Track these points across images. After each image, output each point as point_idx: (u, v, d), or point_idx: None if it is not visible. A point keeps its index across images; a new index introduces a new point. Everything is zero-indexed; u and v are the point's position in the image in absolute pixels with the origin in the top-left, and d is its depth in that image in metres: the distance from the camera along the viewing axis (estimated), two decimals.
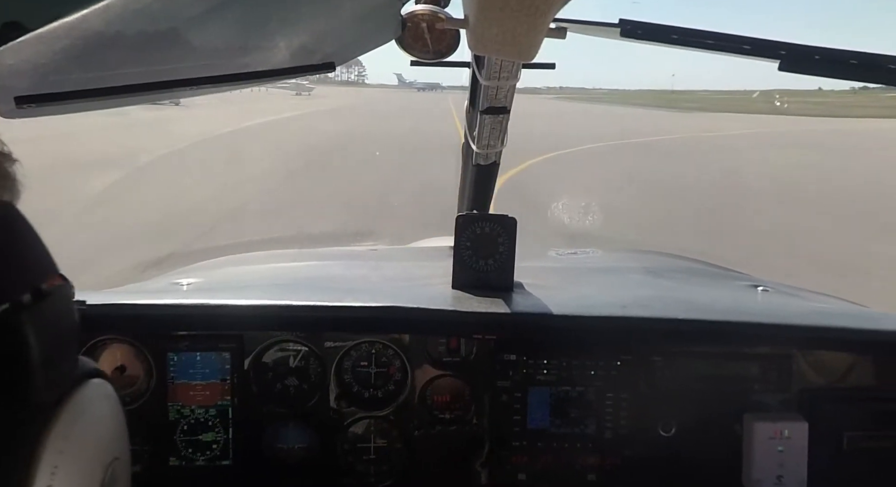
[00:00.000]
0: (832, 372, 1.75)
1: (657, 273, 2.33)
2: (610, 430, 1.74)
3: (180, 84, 0.93)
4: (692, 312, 1.74)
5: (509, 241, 1.92)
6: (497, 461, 1.75)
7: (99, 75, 0.81)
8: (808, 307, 1.97)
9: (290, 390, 1.76)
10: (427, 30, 1.32)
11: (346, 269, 2.25)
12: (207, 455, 1.73)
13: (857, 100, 71.09)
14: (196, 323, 1.72)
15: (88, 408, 0.69)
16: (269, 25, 0.94)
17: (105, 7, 0.49)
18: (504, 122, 1.88)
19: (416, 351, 1.76)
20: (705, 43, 1.20)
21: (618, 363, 1.74)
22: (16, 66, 0.67)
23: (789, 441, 1.63)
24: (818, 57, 1.16)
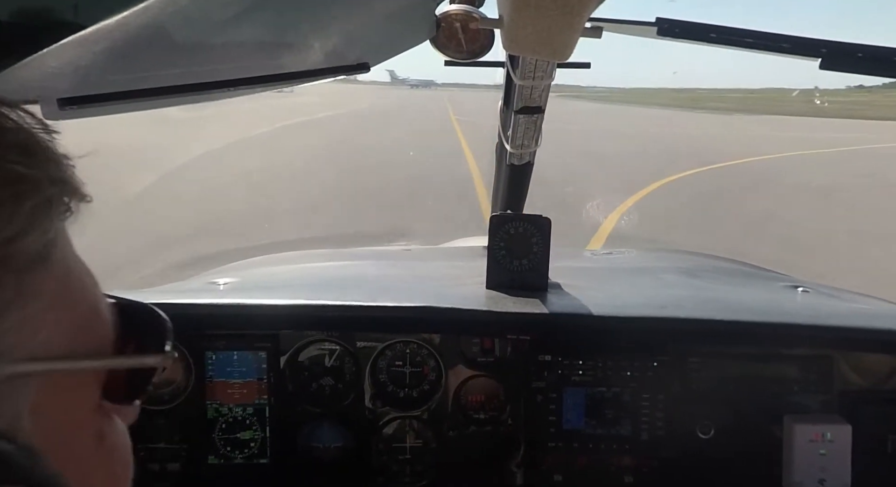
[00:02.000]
0: (874, 374, 1.71)
1: (693, 273, 2.30)
2: (646, 431, 1.73)
3: (218, 86, 0.94)
4: (730, 312, 1.72)
5: (543, 241, 1.91)
6: (532, 461, 1.75)
7: (139, 77, 0.82)
8: (849, 308, 1.94)
9: (325, 389, 1.77)
10: (461, 30, 1.32)
11: (380, 269, 2.26)
12: (245, 453, 1.75)
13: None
14: (233, 323, 1.74)
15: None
16: (303, 26, 0.94)
17: (145, 9, 0.50)
18: (539, 121, 1.87)
19: (451, 351, 1.76)
20: (744, 41, 1.19)
21: (654, 364, 1.72)
22: (58, 68, 0.68)
23: (832, 443, 1.60)
24: (861, 54, 1.14)
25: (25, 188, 0.47)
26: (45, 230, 0.48)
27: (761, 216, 10.37)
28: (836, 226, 9.87)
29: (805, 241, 8.71)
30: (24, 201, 0.46)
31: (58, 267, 0.51)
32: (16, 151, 0.47)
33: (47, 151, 0.51)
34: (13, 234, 0.46)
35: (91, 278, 0.57)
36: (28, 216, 0.46)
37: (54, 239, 0.50)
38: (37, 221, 0.47)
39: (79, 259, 0.56)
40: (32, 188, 0.47)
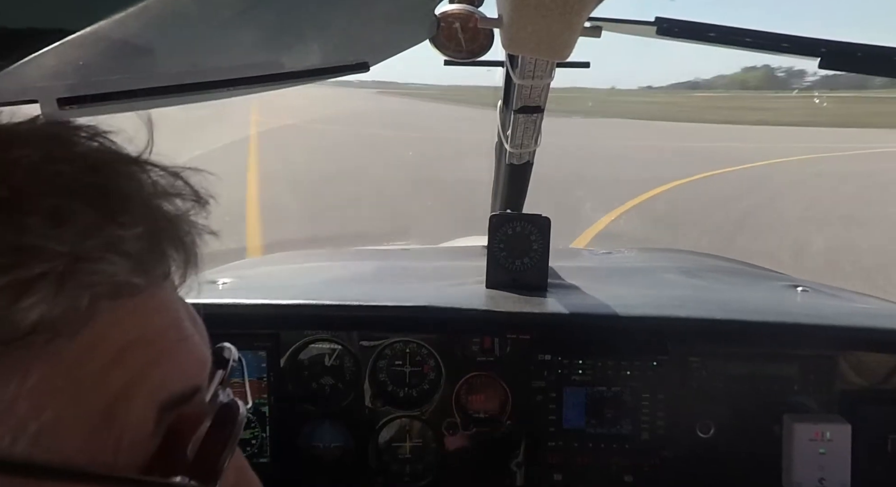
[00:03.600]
0: (875, 374, 1.71)
1: (693, 273, 2.30)
2: (647, 431, 1.73)
3: (218, 85, 0.94)
4: (730, 312, 1.72)
5: (543, 240, 1.92)
6: (532, 461, 1.75)
7: (139, 77, 0.83)
8: (849, 308, 1.94)
9: (325, 389, 1.77)
10: (461, 29, 1.32)
11: (380, 268, 2.26)
12: (245, 452, 1.74)
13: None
14: (232, 322, 1.74)
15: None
16: (302, 26, 0.94)
17: (144, 8, 0.50)
18: (538, 121, 1.87)
19: (451, 351, 1.76)
20: (743, 41, 1.19)
21: (654, 364, 1.72)
22: (58, 67, 0.68)
23: (831, 443, 1.60)
24: (860, 54, 1.14)
25: (20, 260, 0.40)
26: (48, 307, 0.41)
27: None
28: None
29: None
30: (8, 273, 0.40)
31: (72, 350, 0.43)
32: (40, 217, 0.42)
33: (101, 222, 0.44)
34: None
35: (152, 361, 0.47)
36: (14, 288, 0.40)
37: (78, 319, 0.42)
38: (27, 294, 0.40)
39: (142, 341, 0.47)
40: (31, 260, 0.41)
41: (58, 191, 0.43)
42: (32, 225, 0.41)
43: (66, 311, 0.41)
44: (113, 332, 0.45)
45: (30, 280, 0.40)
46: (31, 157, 0.44)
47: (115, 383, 0.44)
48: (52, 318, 0.41)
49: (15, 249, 0.40)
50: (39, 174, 0.43)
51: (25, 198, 0.41)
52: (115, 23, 0.50)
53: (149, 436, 0.46)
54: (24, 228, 0.40)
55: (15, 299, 0.40)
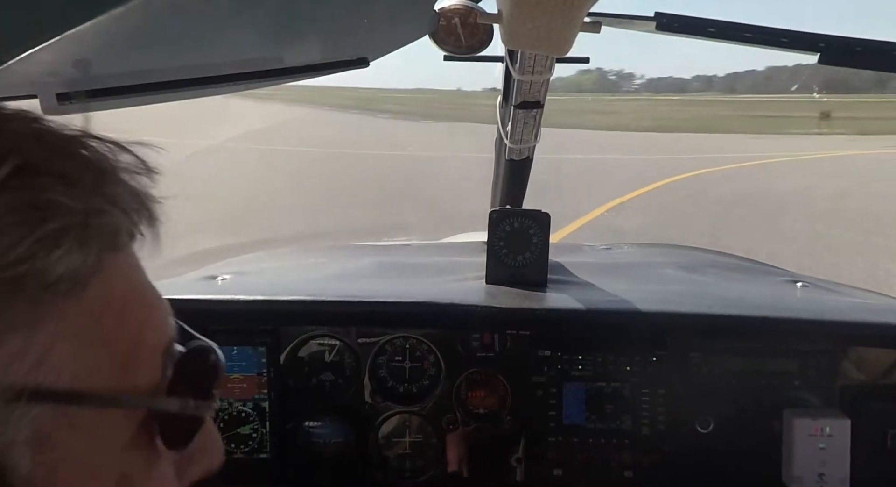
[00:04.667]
0: (875, 369, 1.71)
1: (693, 269, 2.30)
2: (646, 426, 1.73)
3: (217, 81, 0.94)
4: (730, 307, 1.72)
5: (543, 236, 1.92)
6: (532, 456, 1.75)
7: (137, 72, 0.83)
8: (850, 303, 1.94)
9: (325, 384, 1.77)
10: (460, 24, 1.32)
11: (380, 264, 2.26)
12: (245, 448, 1.75)
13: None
14: (232, 318, 1.74)
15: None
16: (301, 21, 0.94)
17: (144, 3, 0.50)
18: (538, 116, 1.87)
19: (450, 346, 1.76)
20: (743, 36, 1.18)
21: (654, 359, 1.72)
22: (56, 62, 0.68)
23: (831, 438, 1.60)
24: (860, 49, 1.14)
25: (46, 214, 0.46)
26: (70, 259, 0.47)
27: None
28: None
29: None
30: (44, 225, 0.46)
31: (91, 299, 0.50)
32: (56, 179, 0.48)
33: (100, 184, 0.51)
34: (20, 257, 0.45)
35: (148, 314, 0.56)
36: (42, 241, 0.46)
37: (91, 270, 0.49)
38: (53, 247, 0.46)
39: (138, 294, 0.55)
40: (55, 215, 0.47)
41: (61, 159, 0.49)
42: (49, 185, 0.47)
43: (84, 262, 0.48)
44: (118, 283, 0.52)
45: (57, 233, 0.46)
46: (30, 131, 0.50)
47: (131, 328, 0.53)
48: (75, 268, 0.47)
49: (39, 206, 0.46)
50: (43, 145, 0.50)
51: (38, 163, 0.48)
52: (115, 18, 0.50)
53: (157, 375, 0.55)
54: (42, 188, 0.47)
55: (50, 250, 0.46)
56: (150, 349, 0.55)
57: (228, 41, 0.88)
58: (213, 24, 0.78)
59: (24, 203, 0.46)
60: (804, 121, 33.86)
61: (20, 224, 0.45)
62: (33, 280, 0.46)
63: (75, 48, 0.63)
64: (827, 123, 33.02)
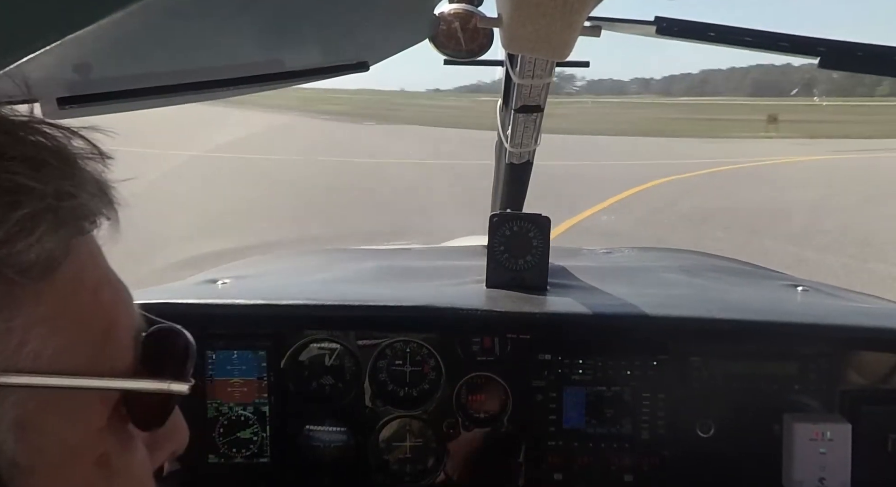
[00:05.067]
0: (875, 373, 1.71)
1: (693, 272, 2.30)
2: (647, 430, 1.73)
3: (217, 85, 0.94)
4: (730, 311, 1.72)
5: (543, 240, 1.92)
6: (532, 461, 1.75)
7: (138, 76, 0.83)
8: (850, 307, 1.93)
9: (325, 388, 1.77)
10: (460, 28, 1.32)
11: (380, 267, 2.26)
12: (246, 452, 1.75)
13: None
14: (232, 322, 1.74)
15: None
16: (302, 25, 0.94)
17: (144, 8, 0.50)
18: (538, 120, 1.87)
19: (451, 350, 1.76)
20: (743, 40, 1.18)
21: (654, 363, 1.72)
22: (58, 67, 0.68)
23: (831, 442, 1.60)
24: (860, 53, 1.14)
25: (19, 199, 0.47)
26: (42, 243, 0.48)
27: None
28: None
29: None
30: (17, 210, 0.46)
31: (65, 281, 0.51)
32: (22, 163, 0.48)
33: (64, 168, 0.51)
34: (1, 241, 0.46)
35: (117, 296, 0.57)
36: (18, 225, 0.46)
37: (62, 253, 0.50)
38: (28, 232, 0.47)
39: (106, 277, 0.56)
40: (28, 199, 0.47)
41: (26, 145, 0.50)
42: (17, 169, 0.47)
43: (56, 246, 0.49)
44: (87, 265, 0.54)
45: (31, 217, 0.47)
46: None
47: (104, 309, 0.54)
48: (47, 252, 0.48)
49: (10, 190, 0.47)
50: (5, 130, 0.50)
51: (4, 148, 0.48)
52: (115, 22, 0.50)
53: (131, 356, 0.57)
54: (11, 171, 0.47)
55: (25, 236, 0.47)
56: (122, 330, 0.56)
57: (229, 45, 0.88)
58: (214, 29, 0.78)
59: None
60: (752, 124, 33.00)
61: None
62: (9, 265, 0.46)
63: (76, 52, 0.63)
64: (775, 127, 32.24)
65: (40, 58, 0.51)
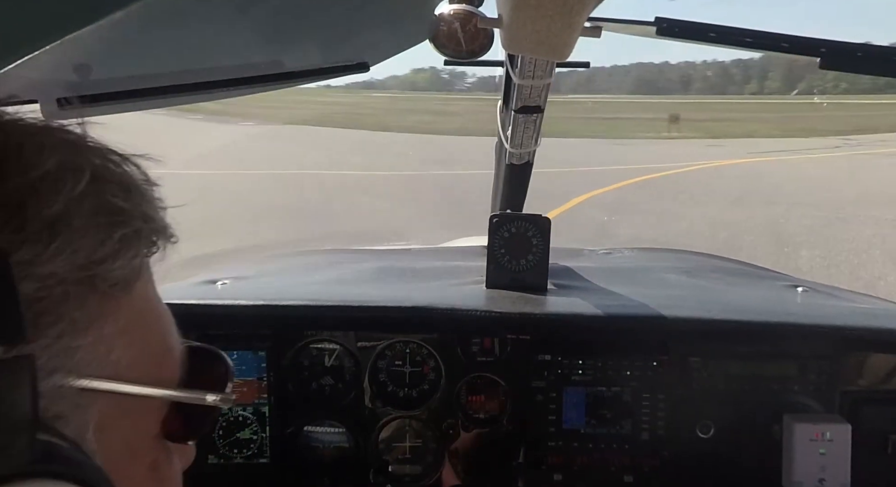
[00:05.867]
0: (875, 374, 1.71)
1: (693, 273, 2.30)
2: (647, 431, 1.73)
3: (218, 85, 0.94)
4: (730, 312, 1.72)
5: (543, 241, 1.92)
6: (532, 461, 1.75)
7: (138, 77, 0.83)
8: (850, 308, 1.93)
9: (325, 389, 1.77)
10: (460, 29, 1.32)
11: (380, 268, 2.26)
12: (245, 453, 1.75)
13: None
14: (232, 322, 1.74)
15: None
16: (302, 26, 0.94)
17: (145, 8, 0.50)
18: (538, 121, 1.87)
19: (450, 351, 1.76)
20: (743, 41, 1.18)
21: (654, 364, 1.72)
22: (58, 67, 0.68)
23: (831, 443, 1.60)
24: (860, 54, 1.14)
25: (120, 219, 0.52)
26: (132, 261, 0.53)
27: None
28: None
29: None
30: (117, 229, 0.51)
31: (138, 297, 0.55)
32: (118, 187, 0.53)
33: (144, 192, 0.56)
34: (102, 257, 0.50)
35: (167, 315, 0.61)
36: (117, 244, 0.51)
37: (139, 271, 0.55)
38: (124, 250, 0.52)
39: (157, 296, 0.60)
40: (125, 220, 0.52)
41: (116, 169, 0.55)
42: (114, 192, 0.52)
43: (139, 263, 0.54)
44: (150, 285, 0.59)
45: (130, 236, 0.52)
46: (92, 144, 0.55)
47: (164, 325, 0.60)
48: (132, 268, 0.53)
49: (112, 211, 0.51)
50: (102, 156, 0.54)
51: (104, 173, 0.53)
52: (115, 23, 0.50)
53: (178, 369, 0.61)
54: (112, 194, 0.52)
55: (125, 252, 0.52)
56: (174, 347, 0.61)
57: (229, 46, 0.88)
58: (214, 29, 0.78)
59: (100, 209, 0.51)
60: (653, 124, 30.96)
61: (100, 228, 0.50)
62: (105, 279, 0.51)
63: (76, 53, 0.63)
64: (676, 127, 29.93)
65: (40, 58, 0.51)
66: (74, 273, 0.49)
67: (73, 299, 0.49)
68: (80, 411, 0.50)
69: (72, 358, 0.50)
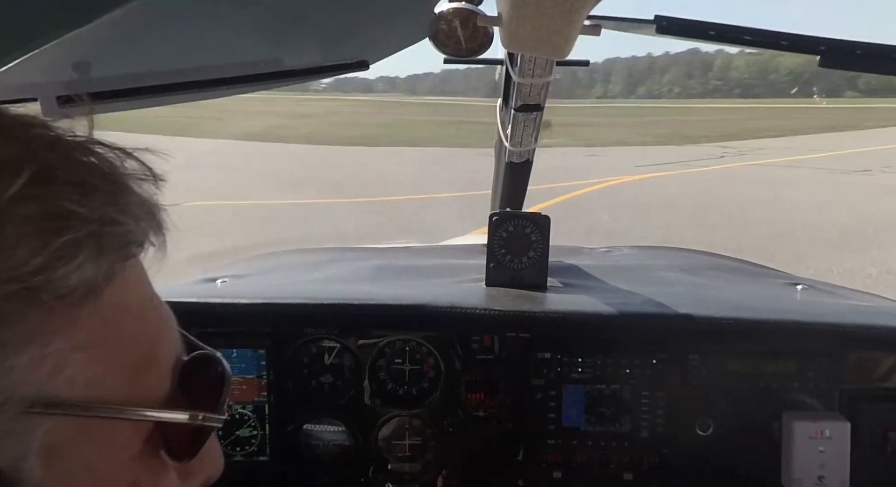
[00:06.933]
0: (875, 372, 1.71)
1: (693, 271, 2.30)
2: (646, 429, 1.73)
3: (218, 84, 0.94)
4: (729, 310, 1.72)
5: (543, 239, 1.92)
6: (532, 459, 1.75)
7: (138, 75, 0.83)
8: (849, 306, 1.94)
9: (325, 387, 1.77)
10: (460, 27, 1.32)
11: (380, 266, 2.26)
12: (245, 450, 1.75)
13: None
14: (232, 320, 1.74)
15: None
16: (302, 25, 0.94)
17: (143, 7, 0.50)
18: (538, 119, 1.87)
19: (450, 349, 1.76)
20: (743, 39, 1.19)
21: (653, 362, 1.72)
22: (57, 66, 0.68)
23: (830, 441, 1.60)
24: (860, 51, 1.14)
25: (66, 224, 0.46)
26: (86, 269, 0.47)
27: None
28: None
29: None
30: (60, 235, 0.46)
31: (107, 307, 0.50)
32: (73, 188, 0.48)
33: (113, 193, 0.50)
34: (39, 267, 0.45)
35: (161, 321, 0.57)
36: (59, 252, 0.46)
37: (105, 279, 0.49)
38: (70, 258, 0.46)
39: (150, 302, 0.56)
40: (73, 225, 0.47)
41: (76, 166, 0.50)
42: (64, 194, 0.47)
43: (98, 271, 0.48)
44: (129, 292, 0.53)
45: (73, 244, 0.46)
46: (43, 137, 0.50)
47: (146, 338, 0.54)
48: (89, 277, 0.48)
49: (55, 216, 0.46)
50: (57, 152, 0.50)
51: (54, 171, 0.48)
52: (114, 21, 0.50)
53: (168, 384, 0.56)
54: (60, 196, 0.47)
55: (67, 261, 0.46)
56: (161, 358, 0.56)
57: (229, 44, 0.88)
58: (214, 28, 0.78)
59: (40, 213, 0.46)
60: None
61: (36, 235, 0.45)
62: (48, 291, 0.46)
63: (75, 51, 0.63)
64: (549, 133, 28.88)
65: (40, 56, 0.52)
66: (2, 287, 0.44)
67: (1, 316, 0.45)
68: (16, 438, 0.46)
69: (3, 380, 0.45)
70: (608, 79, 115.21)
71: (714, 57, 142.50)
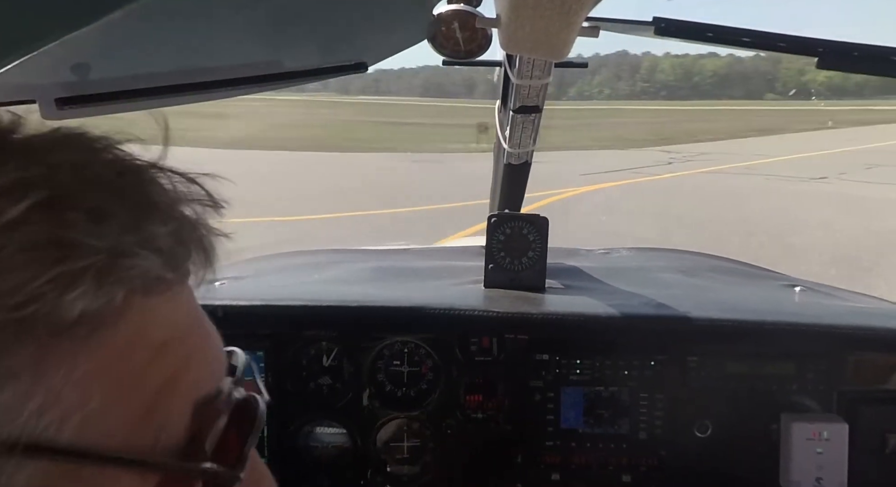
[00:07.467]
0: (873, 373, 1.71)
1: (691, 273, 2.30)
2: (644, 431, 1.73)
3: (217, 85, 0.94)
4: (728, 311, 1.72)
5: (541, 240, 1.92)
6: (530, 461, 1.75)
7: (137, 77, 0.83)
8: (847, 308, 1.94)
9: (323, 389, 1.77)
10: (459, 29, 1.32)
11: (378, 268, 2.26)
12: None
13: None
14: (230, 322, 1.73)
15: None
16: (301, 26, 0.94)
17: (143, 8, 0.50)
18: (536, 121, 1.87)
19: (449, 351, 1.76)
20: (741, 40, 1.19)
21: (652, 364, 1.72)
22: (56, 67, 0.68)
23: (828, 442, 1.60)
24: (858, 53, 1.14)
25: (68, 253, 0.43)
26: (85, 301, 0.43)
27: None
28: None
29: None
30: (60, 265, 0.42)
31: (116, 344, 0.46)
32: (85, 214, 0.45)
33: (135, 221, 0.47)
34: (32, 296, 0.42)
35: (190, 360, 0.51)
36: (59, 281, 0.42)
37: (112, 313, 0.45)
38: (64, 289, 0.42)
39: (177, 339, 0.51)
40: (74, 255, 0.43)
41: (97, 192, 0.46)
42: (75, 222, 0.44)
43: (105, 304, 0.44)
44: (149, 328, 0.48)
45: (75, 273, 0.43)
46: (71, 160, 0.47)
47: (156, 378, 0.48)
48: (93, 311, 0.44)
49: (59, 243, 0.43)
50: (80, 176, 0.46)
51: (68, 197, 0.45)
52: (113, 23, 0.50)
53: (184, 429, 0.50)
54: (67, 224, 0.43)
55: (62, 292, 0.42)
56: (180, 399, 0.50)
57: (228, 46, 0.88)
58: (213, 29, 0.78)
59: (41, 240, 0.42)
60: (461, 132, 26.24)
61: (32, 263, 0.42)
62: (43, 323, 0.42)
63: (75, 53, 0.63)
64: (486, 137, 25.77)
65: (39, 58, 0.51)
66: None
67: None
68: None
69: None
70: None
71: (641, 59, 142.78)
